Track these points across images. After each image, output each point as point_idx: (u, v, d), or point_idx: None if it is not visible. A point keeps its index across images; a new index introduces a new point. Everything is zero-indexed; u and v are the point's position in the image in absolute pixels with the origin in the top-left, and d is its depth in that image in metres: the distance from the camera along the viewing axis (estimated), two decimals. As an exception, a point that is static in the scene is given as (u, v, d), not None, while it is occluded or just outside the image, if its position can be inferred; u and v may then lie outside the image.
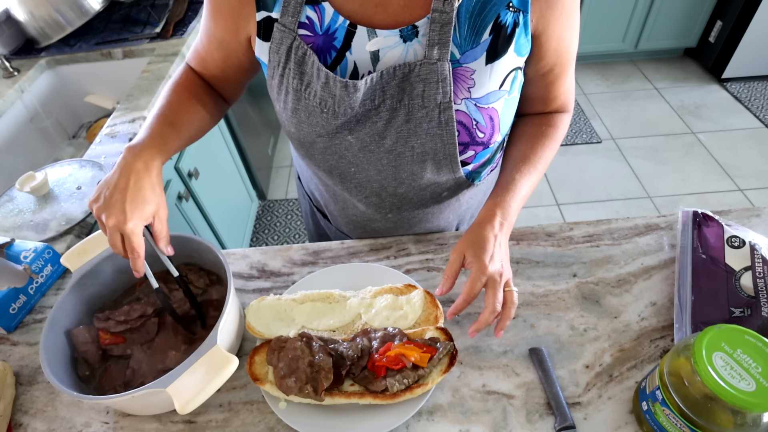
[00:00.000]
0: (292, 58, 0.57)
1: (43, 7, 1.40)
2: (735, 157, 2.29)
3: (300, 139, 0.64)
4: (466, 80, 0.56)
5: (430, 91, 0.55)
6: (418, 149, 0.60)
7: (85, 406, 0.59)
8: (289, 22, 0.56)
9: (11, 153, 1.28)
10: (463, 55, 0.54)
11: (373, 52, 0.56)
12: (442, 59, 0.53)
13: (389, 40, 0.54)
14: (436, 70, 0.54)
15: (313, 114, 0.59)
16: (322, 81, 0.57)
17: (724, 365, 0.42)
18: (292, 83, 0.59)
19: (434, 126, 0.58)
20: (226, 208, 1.75)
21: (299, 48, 0.57)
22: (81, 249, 0.63)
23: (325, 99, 0.58)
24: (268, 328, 0.60)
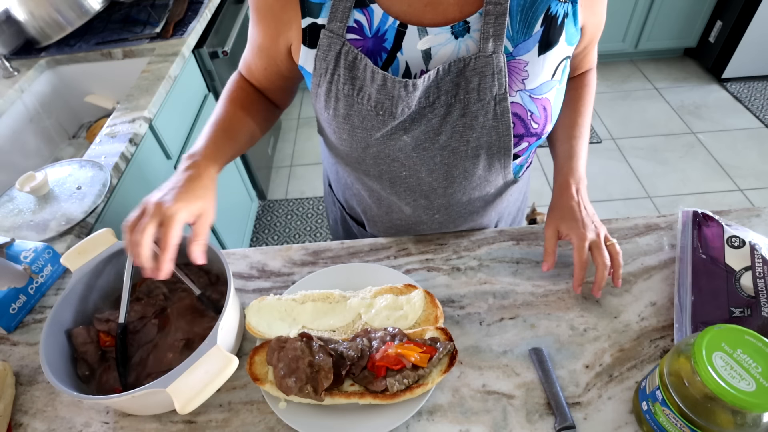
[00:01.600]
0: (341, 64, 0.57)
1: (43, 7, 1.40)
2: (735, 157, 2.29)
3: (352, 145, 0.63)
4: (520, 72, 0.57)
5: (485, 84, 0.56)
6: (473, 143, 0.60)
7: (85, 406, 0.59)
8: (337, 27, 0.55)
9: (11, 153, 1.28)
10: (516, 48, 0.55)
11: (424, 51, 0.56)
12: (497, 51, 0.54)
13: (440, 37, 0.55)
14: (492, 63, 0.54)
15: (368, 118, 0.59)
16: (378, 83, 0.56)
17: (724, 365, 0.42)
18: (342, 89, 0.58)
19: (490, 119, 0.58)
20: (226, 208, 1.75)
21: (349, 53, 0.56)
22: (81, 249, 0.63)
23: (381, 101, 0.57)
24: (268, 328, 0.60)
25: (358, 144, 0.62)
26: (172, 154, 1.33)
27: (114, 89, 1.50)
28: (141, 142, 1.16)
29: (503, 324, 0.62)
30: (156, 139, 1.25)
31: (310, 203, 2.25)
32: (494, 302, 0.65)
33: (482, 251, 0.72)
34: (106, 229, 0.65)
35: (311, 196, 2.28)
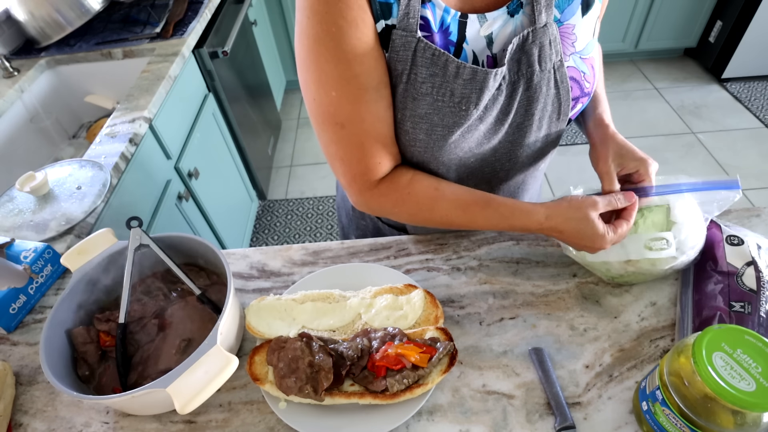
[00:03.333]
0: (418, 62, 0.53)
1: (43, 7, 1.40)
2: (735, 157, 2.29)
3: (428, 144, 0.59)
4: (569, 36, 0.58)
5: (545, 54, 0.56)
6: (537, 115, 0.61)
7: (85, 406, 0.59)
8: (410, 25, 0.52)
9: (11, 153, 1.28)
10: (563, 14, 0.57)
11: (487, 36, 0.56)
12: (549, 21, 0.55)
13: (498, 20, 0.55)
14: (547, 33, 0.55)
15: (449, 114, 0.56)
16: (464, 77, 0.54)
17: (724, 365, 0.42)
18: (421, 88, 0.55)
19: (552, 87, 0.59)
20: (226, 208, 1.75)
21: (426, 50, 0.53)
22: (81, 249, 0.63)
23: (467, 95, 0.55)
24: (268, 328, 0.60)
25: (435, 143, 0.59)
26: (172, 154, 1.33)
27: (114, 89, 1.50)
28: (141, 142, 1.16)
29: (503, 324, 0.62)
30: (156, 139, 1.25)
31: (310, 203, 2.25)
32: (494, 302, 0.65)
33: (482, 251, 0.72)
34: (106, 229, 0.65)
35: (311, 196, 2.28)
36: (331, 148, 0.58)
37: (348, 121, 0.55)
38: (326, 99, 0.54)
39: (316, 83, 0.53)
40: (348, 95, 0.53)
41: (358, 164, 0.58)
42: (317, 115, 0.56)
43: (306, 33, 0.51)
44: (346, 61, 0.51)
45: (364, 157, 0.58)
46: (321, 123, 0.56)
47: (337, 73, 0.52)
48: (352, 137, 0.56)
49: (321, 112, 0.55)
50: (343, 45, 0.50)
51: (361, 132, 0.55)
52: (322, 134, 0.58)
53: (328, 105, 0.54)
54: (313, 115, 0.57)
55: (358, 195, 0.62)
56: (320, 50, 0.51)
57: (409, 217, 0.64)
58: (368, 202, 0.63)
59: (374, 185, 0.61)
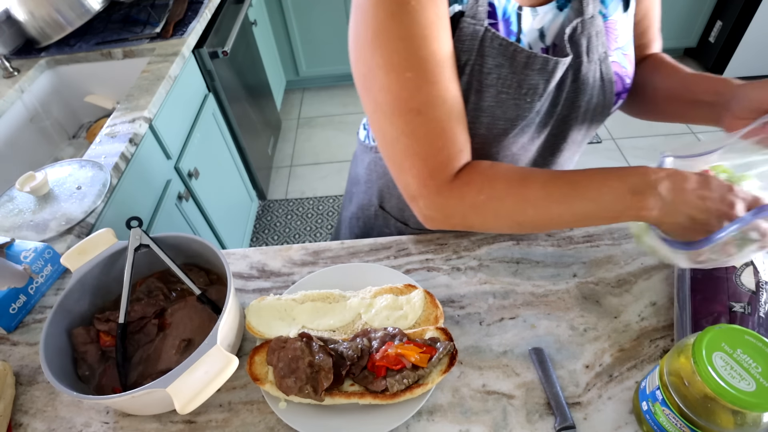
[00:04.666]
0: (485, 52, 0.51)
1: (43, 7, 1.40)
2: (735, 157, 2.29)
3: (486, 139, 0.56)
4: (613, 31, 0.59)
5: (592, 46, 0.57)
6: (583, 107, 0.60)
7: (85, 406, 0.59)
8: (479, 12, 0.49)
9: (11, 153, 1.28)
10: (608, 9, 0.58)
11: (539, 29, 0.56)
12: (595, 13, 0.55)
13: (549, 13, 0.55)
14: (594, 24, 0.56)
15: (513, 107, 0.54)
16: (534, 68, 0.52)
17: (724, 365, 0.42)
18: (486, 79, 0.52)
19: (598, 79, 0.59)
20: (226, 208, 1.75)
21: (494, 39, 0.50)
22: (81, 249, 0.63)
23: (534, 86, 0.53)
24: (269, 328, 0.60)
25: (495, 138, 0.56)
26: (172, 154, 1.33)
27: (114, 89, 1.50)
28: (141, 142, 1.16)
29: (503, 324, 0.62)
30: (156, 139, 1.25)
31: (310, 203, 2.25)
32: (494, 302, 0.65)
33: (482, 251, 0.72)
34: (106, 229, 0.65)
35: (311, 196, 2.28)
36: (401, 143, 0.50)
37: (426, 104, 0.47)
38: (399, 83, 0.46)
39: (385, 67, 0.46)
40: (426, 75, 0.46)
41: (437, 155, 0.50)
42: (385, 105, 0.48)
43: (374, 14, 0.45)
44: (422, 38, 0.45)
45: (445, 145, 0.49)
46: (390, 115, 0.48)
47: (412, 51, 0.45)
48: (431, 123, 0.48)
49: (391, 100, 0.48)
50: (421, 20, 0.44)
51: (442, 115, 0.48)
52: (389, 129, 0.50)
53: (401, 89, 0.47)
54: (378, 109, 0.49)
55: (435, 195, 0.51)
56: (393, 27, 0.44)
57: (494, 209, 0.51)
58: (449, 198, 0.51)
59: (453, 179, 0.51)
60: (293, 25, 2.57)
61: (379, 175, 0.75)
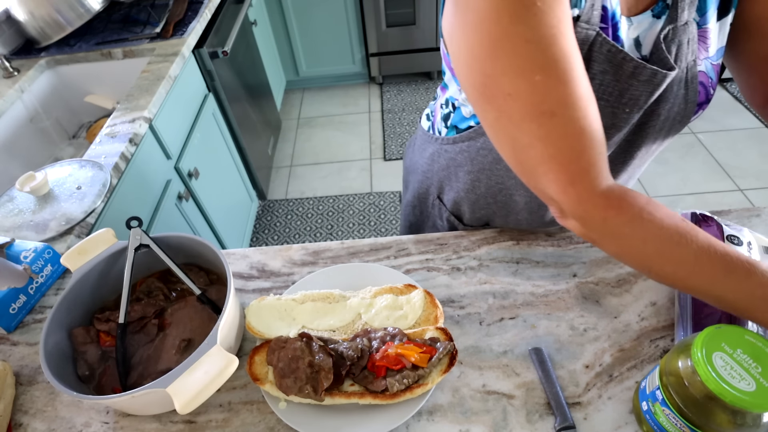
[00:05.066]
0: (593, 57, 0.49)
1: (43, 7, 1.40)
2: (735, 157, 2.29)
3: None
4: (705, 40, 0.56)
5: (681, 53, 0.54)
6: (663, 115, 0.58)
7: (85, 406, 0.59)
8: (593, 17, 0.47)
9: (11, 153, 1.28)
10: (703, 17, 0.55)
11: (635, 39, 0.54)
12: (689, 20, 0.53)
13: (644, 22, 0.53)
14: (687, 31, 0.53)
15: (609, 115, 0.53)
16: (642, 78, 0.51)
17: (724, 365, 0.42)
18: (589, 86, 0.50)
19: (682, 87, 0.57)
20: (226, 208, 1.75)
21: (603, 44, 0.49)
22: (81, 249, 0.63)
23: (636, 97, 0.52)
24: (268, 328, 0.60)
25: None
26: (172, 154, 1.33)
27: (114, 89, 1.50)
28: (141, 142, 1.16)
29: (503, 324, 0.63)
30: (156, 139, 1.25)
31: (310, 203, 2.25)
32: (494, 302, 0.65)
33: (482, 251, 0.72)
34: (106, 229, 0.65)
35: (311, 196, 2.28)
36: (535, 149, 0.45)
37: (560, 105, 0.43)
38: (527, 87, 0.43)
39: (511, 73, 0.43)
40: (557, 75, 0.42)
41: (579, 158, 0.45)
42: (513, 112, 0.44)
43: (495, 19, 0.41)
44: (550, 37, 0.41)
45: (585, 148, 0.44)
46: (519, 121, 0.45)
47: (541, 53, 0.42)
48: (568, 125, 0.43)
49: (520, 106, 0.44)
50: (548, 20, 0.41)
51: (578, 115, 0.43)
52: (519, 136, 0.46)
53: (531, 93, 0.43)
54: (502, 116, 0.45)
55: (577, 203, 0.47)
56: (519, 31, 0.41)
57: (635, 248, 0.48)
58: (591, 214, 0.47)
59: (601, 192, 0.46)
60: (293, 25, 2.57)
61: (442, 166, 0.74)
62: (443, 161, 0.73)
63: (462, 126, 0.67)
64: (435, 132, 0.74)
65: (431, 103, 0.79)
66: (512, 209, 0.73)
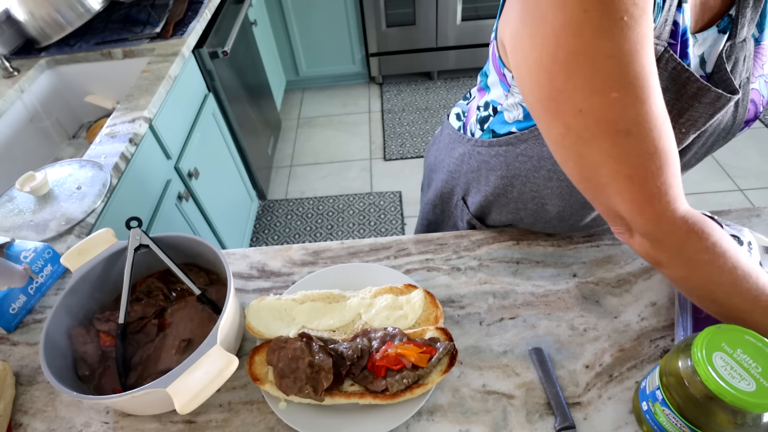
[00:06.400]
0: (658, 74, 0.43)
1: (43, 7, 1.40)
2: (735, 157, 2.29)
3: None
4: (761, 57, 0.55)
5: (736, 71, 0.53)
6: (709, 131, 0.57)
7: (85, 406, 0.59)
8: (664, 33, 0.46)
9: (11, 153, 1.28)
10: (762, 34, 0.54)
11: (700, 56, 0.52)
12: (748, 37, 0.52)
13: (709, 38, 0.51)
14: (744, 48, 0.52)
15: None
16: (705, 100, 0.48)
17: (724, 365, 0.42)
18: None
19: (732, 105, 0.55)
20: (226, 208, 1.75)
21: (670, 61, 0.47)
22: (81, 249, 0.63)
23: (695, 118, 0.50)
24: (268, 328, 0.60)
25: None
26: (172, 154, 1.33)
27: (114, 89, 1.50)
28: (141, 142, 1.16)
29: (503, 324, 0.63)
30: (156, 139, 1.25)
31: (310, 203, 2.25)
32: (494, 302, 0.65)
33: (482, 251, 0.72)
34: (106, 229, 0.65)
35: (311, 196, 2.28)
36: (608, 167, 0.43)
37: (636, 124, 0.41)
38: (603, 104, 0.41)
39: (586, 89, 0.41)
40: (635, 93, 0.41)
41: (655, 178, 0.43)
42: (583, 129, 0.42)
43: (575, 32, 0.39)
44: (632, 53, 0.40)
45: (662, 168, 0.43)
46: (590, 139, 0.43)
47: (621, 70, 0.40)
48: (644, 144, 0.42)
49: (592, 123, 0.42)
50: (632, 35, 0.39)
51: (655, 135, 0.42)
52: (590, 153, 0.44)
53: (606, 110, 0.41)
54: (571, 133, 0.43)
55: (655, 224, 0.45)
56: (602, 46, 0.39)
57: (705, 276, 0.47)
58: (669, 236, 0.46)
59: (681, 215, 0.45)
60: (293, 25, 2.57)
61: (471, 168, 0.72)
62: (474, 163, 0.71)
63: (501, 131, 0.64)
64: (467, 133, 0.73)
65: (461, 103, 0.77)
66: (542, 217, 0.71)
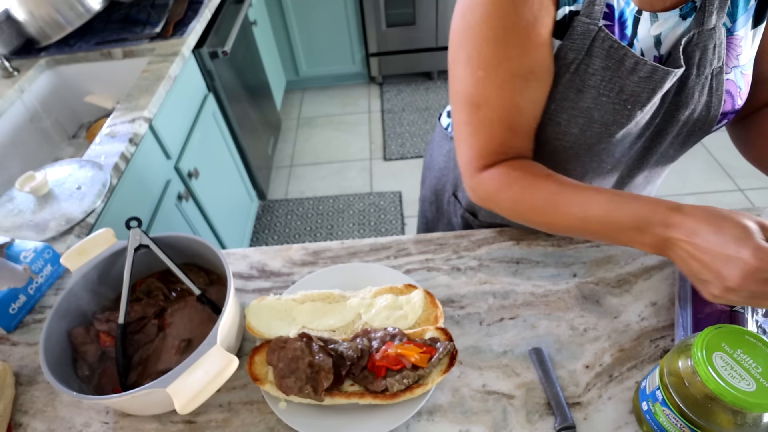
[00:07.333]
0: (594, 53, 0.52)
1: (43, 7, 1.40)
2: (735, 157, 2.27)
3: (578, 140, 0.57)
4: (736, 48, 0.55)
5: (706, 58, 0.53)
6: (682, 121, 0.58)
7: (85, 406, 0.59)
8: (594, 12, 0.50)
9: (11, 153, 1.28)
10: (735, 24, 0.54)
11: (655, 36, 0.53)
12: (718, 25, 0.52)
13: (670, 21, 0.53)
14: (713, 36, 0.52)
15: (611, 112, 0.54)
16: (641, 75, 0.52)
17: (724, 365, 0.42)
18: (590, 80, 0.53)
19: (705, 93, 0.56)
20: (226, 208, 1.75)
21: (605, 40, 0.51)
22: (81, 249, 0.63)
23: (637, 93, 0.53)
24: (268, 328, 0.60)
25: (587, 141, 0.57)
26: (172, 154, 1.33)
27: (114, 89, 1.50)
28: (141, 142, 1.16)
29: (503, 324, 0.63)
30: (156, 139, 1.25)
31: (310, 203, 2.25)
32: (494, 302, 0.65)
33: (482, 251, 0.72)
34: (106, 229, 0.65)
35: (311, 196, 2.28)
36: (460, 128, 0.57)
37: (485, 103, 0.53)
38: (471, 79, 0.52)
39: (465, 62, 0.52)
40: (494, 77, 0.51)
41: (480, 148, 0.56)
42: (456, 94, 0.56)
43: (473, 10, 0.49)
44: (505, 43, 0.49)
45: (489, 142, 0.56)
46: (458, 102, 0.56)
47: (490, 53, 0.50)
48: (485, 120, 0.54)
49: (461, 90, 0.54)
50: (510, 25, 0.48)
51: (495, 117, 0.54)
52: (455, 114, 0.57)
53: (471, 85, 0.53)
54: (452, 94, 0.57)
55: (469, 179, 0.60)
56: (483, 28, 0.49)
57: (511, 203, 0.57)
58: (477, 187, 0.59)
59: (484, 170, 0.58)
60: (293, 25, 2.57)
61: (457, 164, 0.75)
62: None
63: None
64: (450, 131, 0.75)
65: None
66: None
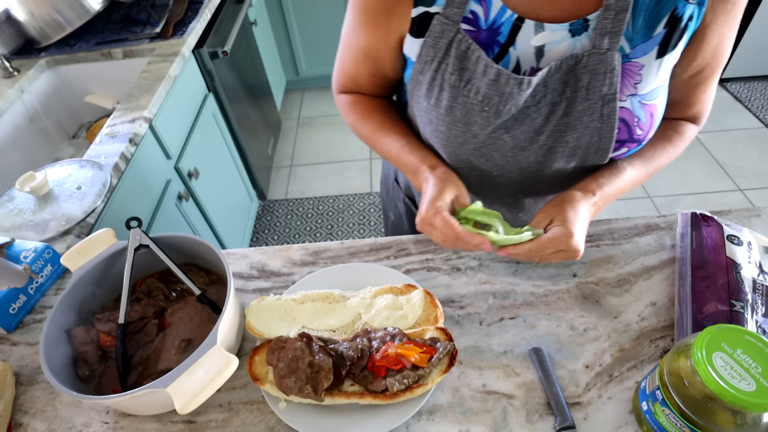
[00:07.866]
0: (452, 53, 0.55)
1: (43, 7, 1.40)
2: (735, 157, 2.29)
3: (449, 139, 0.61)
4: (634, 76, 0.54)
5: (596, 83, 0.53)
6: (572, 143, 0.58)
7: (85, 406, 0.59)
8: (453, 14, 0.53)
9: (11, 153, 1.28)
10: (634, 50, 0.53)
11: (538, 47, 0.53)
12: (612, 49, 0.51)
13: (557, 34, 0.52)
14: (605, 60, 0.52)
15: (471, 113, 0.57)
16: (489, 78, 0.54)
17: (724, 365, 0.42)
18: (449, 79, 0.56)
19: (595, 119, 0.56)
20: (226, 208, 1.75)
21: (462, 42, 0.54)
22: (81, 249, 0.63)
23: (489, 97, 0.55)
24: (268, 328, 0.60)
25: (456, 139, 0.60)
26: (172, 154, 1.33)
27: (114, 89, 1.50)
28: (141, 142, 1.16)
29: (503, 324, 0.62)
30: (156, 139, 1.25)
31: (310, 203, 2.25)
32: (494, 302, 0.65)
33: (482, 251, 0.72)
34: (106, 229, 0.65)
35: (311, 196, 2.28)
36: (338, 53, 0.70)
37: (342, 50, 0.67)
38: (343, 28, 0.65)
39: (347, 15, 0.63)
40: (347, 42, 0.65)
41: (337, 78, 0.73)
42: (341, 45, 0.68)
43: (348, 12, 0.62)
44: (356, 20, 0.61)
45: (342, 77, 0.71)
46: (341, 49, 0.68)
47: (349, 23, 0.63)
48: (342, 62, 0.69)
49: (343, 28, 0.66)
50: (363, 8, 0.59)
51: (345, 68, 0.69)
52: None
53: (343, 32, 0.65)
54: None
55: (334, 94, 0.76)
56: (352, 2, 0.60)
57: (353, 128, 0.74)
58: (336, 103, 0.76)
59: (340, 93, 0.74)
60: (293, 25, 2.57)
61: None
62: None
63: None
64: None
65: None
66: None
